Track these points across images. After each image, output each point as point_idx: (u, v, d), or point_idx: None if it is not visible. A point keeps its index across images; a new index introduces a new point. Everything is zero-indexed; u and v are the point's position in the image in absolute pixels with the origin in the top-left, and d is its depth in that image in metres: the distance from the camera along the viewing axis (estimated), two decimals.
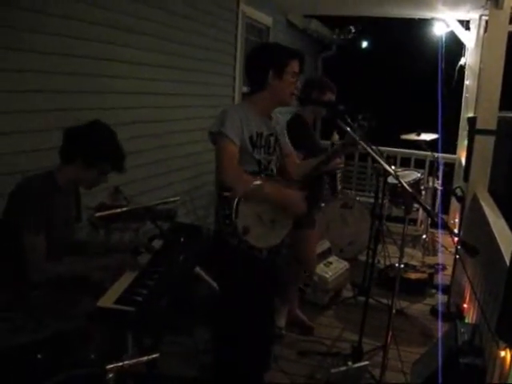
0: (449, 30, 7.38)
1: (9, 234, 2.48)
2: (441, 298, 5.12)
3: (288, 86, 2.93)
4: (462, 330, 3.27)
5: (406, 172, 5.89)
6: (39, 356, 2.32)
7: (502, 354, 2.73)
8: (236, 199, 2.72)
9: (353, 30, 9.71)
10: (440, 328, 4.40)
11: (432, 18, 7.67)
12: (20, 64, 3.19)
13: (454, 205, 7.25)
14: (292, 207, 2.93)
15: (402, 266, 5.18)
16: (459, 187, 4.91)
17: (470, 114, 6.60)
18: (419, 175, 5.62)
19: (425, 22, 8.19)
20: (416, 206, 6.11)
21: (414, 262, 6.00)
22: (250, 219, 2.79)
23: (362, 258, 5.67)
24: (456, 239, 2.75)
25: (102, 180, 2.72)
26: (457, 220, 6.20)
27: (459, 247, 2.55)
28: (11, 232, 2.46)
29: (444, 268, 6.03)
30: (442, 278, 5.65)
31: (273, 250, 3.01)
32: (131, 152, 4.00)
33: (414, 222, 7.35)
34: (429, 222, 6.79)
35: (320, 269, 4.96)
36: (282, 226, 2.99)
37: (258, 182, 2.83)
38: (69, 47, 3.56)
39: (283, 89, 2.93)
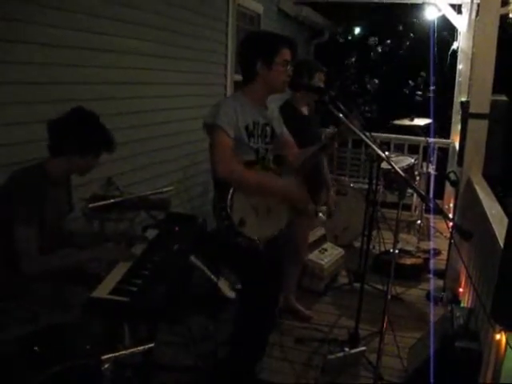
0: (440, 14, 7.35)
1: (2, 226, 2.47)
2: (437, 282, 5.13)
3: (278, 74, 2.92)
4: (458, 314, 3.29)
5: (400, 157, 5.88)
6: (36, 348, 2.32)
7: (498, 337, 2.74)
8: (230, 191, 2.72)
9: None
10: (432, 312, 4.41)
11: (423, 3, 7.65)
12: (11, 56, 3.16)
13: (449, 189, 7.26)
14: (292, 196, 2.92)
15: (397, 251, 5.18)
16: (453, 172, 4.91)
17: (463, 98, 6.59)
18: (413, 160, 5.61)
19: (416, 7, 8.17)
20: (410, 191, 6.11)
21: (409, 248, 6.01)
22: (245, 211, 2.78)
23: (357, 244, 5.67)
24: (450, 224, 2.76)
25: (94, 164, 2.71)
26: (451, 205, 6.21)
27: (454, 231, 2.55)
28: (4, 225, 2.45)
29: (439, 253, 6.04)
30: (435, 263, 5.66)
31: (271, 241, 2.99)
32: (124, 142, 4.00)
33: (408, 207, 7.35)
34: (423, 207, 6.80)
35: (315, 256, 4.96)
36: (278, 216, 2.97)
37: (253, 172, 2.83)
38: (61, 38, 3.53)
39: (273, 78, 2.93)
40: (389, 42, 15.08)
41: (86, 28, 3.75)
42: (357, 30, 15.37)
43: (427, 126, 6.58)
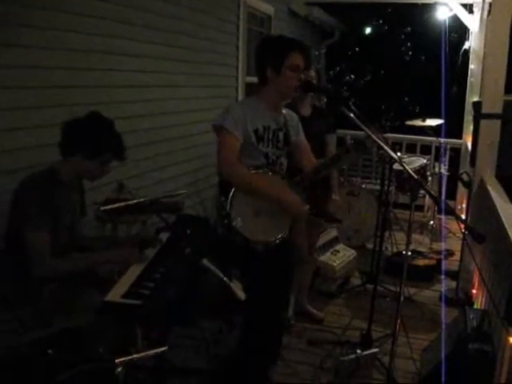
0: (452, 13, 7.31)
1: (16, 233, 2.49)
2: (450, 283, 5.10)
3: (287, 80, 2.88)
4: (471, 315, 3.27)
5: (412, 158, 5.85)
6: (50, 351, 2.33)
7: (511, 339, 2.73)
8: (232, 190, 2.73)
9: None
10: (444, 314, 4.38)
11: (435, 3, 7.62)
12: (19, 60, 3.18)
13: (461, 190, 7.22)
14: (285, 206, 2.82)
15: (410, 252, 5.17)
16: (466, 172, 4.89)
17: (475, 99, 6.54)
18: (425, 161, 5.58)
19: (428, 7, 8.13)
20: (422, 192, 6.09)
21: (421, 249, 5.99)
22: (244, 211, 2.77)
23: (370, 245, 5.66)
24: (463, 225, 2.74)
25: (105, 170, 2.72)
26: (464, 205, 6.18)
27: (466, 233, 2.54)
28: (18, 229, 2.47)
29: (452, 254, 6.02)
30: (446, 265, 5.62)
31: (282, 242, 2.94)
32: (135, 145, 4.02)
33: (421, 208, 7.32)
34: (436, 208, 6.76)
35: (327, 257, 4.96)
36: (281, 221, 2.90)
37: (253, 175, 2.82)
38: (70, 41, 3.55)
39: (282, 83, 2.90)
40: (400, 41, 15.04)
41: (94, 31, 3.78)
42: (367, 30, 15.36)
43: (439, 126, 6.54)
